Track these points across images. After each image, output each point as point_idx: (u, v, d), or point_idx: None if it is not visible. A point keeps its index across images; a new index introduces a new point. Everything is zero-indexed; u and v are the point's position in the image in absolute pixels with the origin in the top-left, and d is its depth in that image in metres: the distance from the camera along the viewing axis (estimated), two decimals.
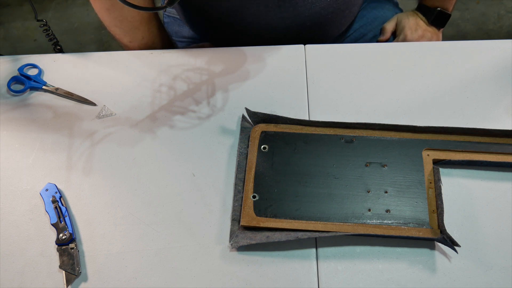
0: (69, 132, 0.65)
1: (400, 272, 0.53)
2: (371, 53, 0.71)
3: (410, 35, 0.83)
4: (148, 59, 0.73)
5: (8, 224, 0.58)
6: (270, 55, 0.72)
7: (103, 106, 0.67)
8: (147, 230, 0.57)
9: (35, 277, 0.54)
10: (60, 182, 0.61)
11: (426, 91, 0.66)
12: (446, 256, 0.53)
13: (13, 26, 1.82)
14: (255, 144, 0.60)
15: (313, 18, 0.75)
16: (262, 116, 0.63)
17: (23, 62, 0.72)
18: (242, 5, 0.72)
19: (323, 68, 0.70)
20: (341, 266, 0.53)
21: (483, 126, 0.60)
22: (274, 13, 0.73)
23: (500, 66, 0.69)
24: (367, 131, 0.61)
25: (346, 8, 0.78)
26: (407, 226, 0.53)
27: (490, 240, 0.54)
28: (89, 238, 0.56)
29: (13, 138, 0.65)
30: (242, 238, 0.54)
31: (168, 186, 0.60)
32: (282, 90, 0.68)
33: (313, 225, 0.54)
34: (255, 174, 0.58)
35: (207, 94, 0.68)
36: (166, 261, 0.55)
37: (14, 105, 0.68)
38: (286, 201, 0.56)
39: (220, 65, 0.71)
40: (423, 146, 0.59)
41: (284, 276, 0.53)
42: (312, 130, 0.62)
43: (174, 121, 0.66)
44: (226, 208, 0.58)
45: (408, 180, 0.57)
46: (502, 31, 1.67)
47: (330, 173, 0.58)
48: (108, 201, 0.59)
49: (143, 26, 0.74)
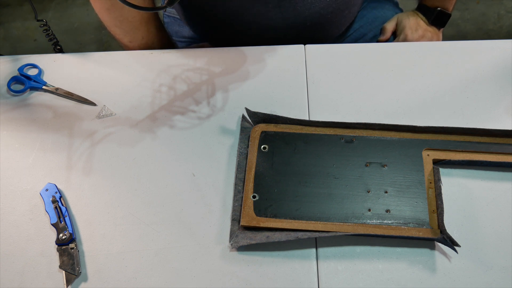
0: (69, 132, 0.65)
1: (400, 272, 0.53)
2: (371, 53, 0.71)
3: (411, 35, 0.83)
4: (148, 59, 0.73)
5: (8, 224, 0.58)
6: (270, 55, 0.72)
7: (103, 106, 0.67)
8: (147, 230, 0.57)
9: (35, 277, 0.54)
10: (60, 182, 0.61)
11: (426, 91, 0.66)
12: (446, 256, 0.53)
13: (13, 26, 1.82)
14: (255, 144, 0.60)
15: (313, 18, 0.75)
16: (262, 116, 0.63)
17: (23, 62, 0.72)
18: (242, 5, 0.72)
19: (323, 68, 0.70)
20: (341, 266, 0.53)
21: (483, 126, 0.60)
22: (274, 13, 0.73)
23: (500, 66, 0.69)
24: (367, 131, 0.61)
25: (345, 8, 0.78)
26: (407, 226, 0.53)
27: (490, 240, 0.54)
28: (89, 238, 0.56)
29: (13, 138, 0.65)
30: (242, 238, 0.54)
31: (168, 186, 0.60)
32: (282, 90, 0.68)
33: (313, 225, 0.54)
34: (255, 174, 0.58)
35: (207, 94, 0.68)
36: (166, 261, 0.55)
37: (14, 105, 0.68)
38: (286, 201, 0.56)
39: (220, 65, 0.71)
40: (423, 146, 0.59)
41: (284, 276, 0.53)
42: (312, 130, 0.62)
43: (174, 121, 0.66)
44: (226, 208, 0.58)
45: (408, 180, 0.57)
46: (502, 31, 1.67)
47: (330, 173, 0.58)
48: (108, 201, 0.59)
49: (143, 26, 0.74)
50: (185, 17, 0.86)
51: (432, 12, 0.83)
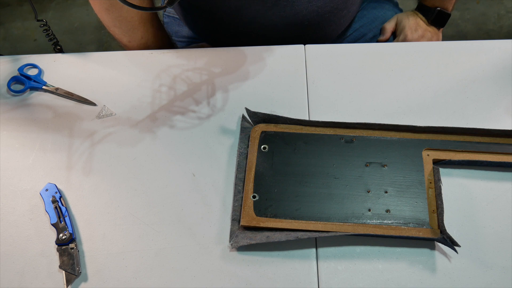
0: (69, 132, 0.65)
1: (400, 272, 0.53)
2: (371, 53, 0.71)
3: (410, 35, 0.83)
4: (148, 59, 0.73)
5: (8, 224, 0.58)
6: (270, 55, 0.72)
7: (103, 106, 0.67)
8: (147, 230, 0.57)
9: (35, 277, 0.54)
10: (60, 182, 0.61)
11: (426, 91, 0.66)
12: (446, 256, 0.53)
13: (13, 26, 1.82)
14: (255, 144, 0.60)
15: (311, 17, 0.75)
16: (262, 116, 0.63)
17: (23, 62, 0.72)
18: (240, 4, 0.72)
19: (323, 68, 0.70)
20: (341, 266, 0.53)
21: (483, 126, 0.60)
22: (272, 13, 0.73)
23: (500, 66, 0.69)
24: (367, 131, 0.61)
25: (344, 7, 0.78)
26: (407, 226, 0.53)
27: (490, 240, 0.54)
28: (89, 238, 0.56)
29: (13, 138, 0.65)
30: (242, 238, 0.54)
31: (168, 186, 0.60)
32: (282, 90, 0.68)
33: (313, 225, 0.54)
34: (255, 174, 0.58)
35: (207, 94, 0.68)
36: (166, 261, 0.55)
37: (14, 105, 0.68)
38: (286, 201, 0.56)
39: (220, 65, 0.71)
40: (423, 146, 0.59)
41: (284, 276, 0.53)
42: (312, 130, 0.62)
43: (174, 121, 0.66)
44: (226, 208, 0.58)
45: (408, 180, 0.57)
46: (502, 31, 1.67)
47: (330, 173, 0.58)
48: (108, 201, 0.59)
49: (142, 26, 0.74)
50: (184, 17, 0.86)
51: (432, 12, 0.83)
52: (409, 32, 0.84)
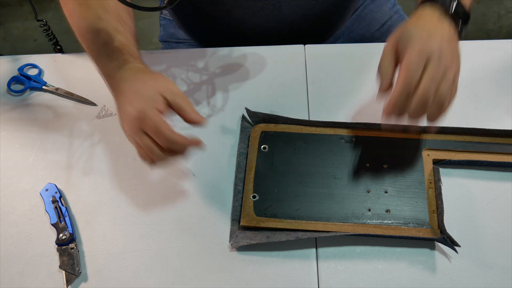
0: (69, 132, 0.65)
1: (400, 272, 0.53)
2: (371, 53, 0.71)
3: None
4: (148, 59, 0.72)
5: (8, 224, 0.58)
6: (270, 55, 0.72)
7: (103, 106, 0.67)
8: (147, 230, 0.57)
9: (35, 277, 0.54)
10: (60, 182, 0.61)
11: None
12: (446, 256, 0.53)
13: (13, 26, 1.82)
14: (255, 144, 0.60)
15: (300, 21, 0.74)
16: (262, 116, 0.63)
17: (23, 62, 0.72)
18: (230, 8, 0.72)
19: (323, 68, 0.70)
20: (341, 266, 0.53)
21: (483, 126, 0.60)
22: (261, 16, 0.72)
23: (500, 66, 0.68)
24: (367, 131, 0.61)
25: (334, 11, 0.77)
26: (407, 226, 0.53)
27: (490, 240, 0.54)
28: (89, 238, 0.56)
29: (13, 138, 0.65)
30: (242, 238, 0.54)
31: (168, 186, 0.60)
32: (282, 90, 0.68)
33: (313, 225, 0.54)
34: (255, 174, 0.58)
35: (207, 94, 0.68)
36: (166, 261, 0.55)
37: (14, 105, 0.68)
38: (286, 201, 0.56)
39: (220, 65, 0.71)
40: (423, 146, 0.59)
41: (284, 276, 0.53)
42: (312, 130, 0.62)
43: (174, 121, 0.66)
44: (226, 208, 0.58)
45: (408, 180, 0.57)
46: (502, 31, 1.67)
47: (330, 173, 0.58)
48: (108, 201, 0.59)
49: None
50: (177, 19, 0.85)
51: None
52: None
